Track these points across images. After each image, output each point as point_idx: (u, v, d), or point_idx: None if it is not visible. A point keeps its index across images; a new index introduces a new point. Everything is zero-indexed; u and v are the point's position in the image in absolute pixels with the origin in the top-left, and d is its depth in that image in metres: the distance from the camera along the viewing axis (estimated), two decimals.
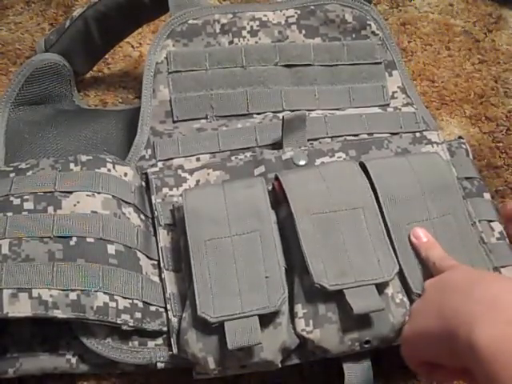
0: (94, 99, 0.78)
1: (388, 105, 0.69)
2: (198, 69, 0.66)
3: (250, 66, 0.67)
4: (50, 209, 0.56)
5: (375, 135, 0.66)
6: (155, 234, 0.59)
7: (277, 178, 0.58)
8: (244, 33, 0.68)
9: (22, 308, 0.50)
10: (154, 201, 0.60)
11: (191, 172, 0.62)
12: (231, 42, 0.67)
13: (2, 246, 0.53)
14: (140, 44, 0.83)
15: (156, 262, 0.58)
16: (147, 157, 0.63)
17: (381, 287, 0.53)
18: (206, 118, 0.65)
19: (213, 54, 0.66)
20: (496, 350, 0.37)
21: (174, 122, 0.65)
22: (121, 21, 0.72)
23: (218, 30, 0.67)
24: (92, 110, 0.75)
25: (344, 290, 0.51)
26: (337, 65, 0.69)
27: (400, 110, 0.68)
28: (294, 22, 0.69)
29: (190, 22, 0.67)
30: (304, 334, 0.52)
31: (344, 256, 0.53)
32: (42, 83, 0.70)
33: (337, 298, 0.52)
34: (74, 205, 0.56)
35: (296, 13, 0.69)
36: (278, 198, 0.57)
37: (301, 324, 0.52)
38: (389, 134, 0.66)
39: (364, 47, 0.70)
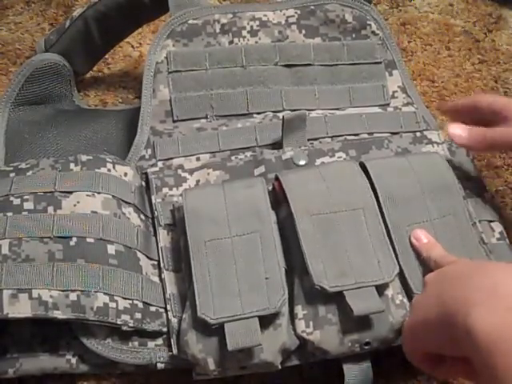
0: (93, 99, 0.77)
1: (388, 104, 0.69)
2: (197, 68, 0.66)
3: (250, 65, 0.67)
4: (50, 209, 0.55)
5: (375, 135, 0.66)
6: (155, 234, 0.59)
7: (277, 178, 0.58)
8: (244, 33, 0.68)
9: (22, 309, 0.50)
10: (154, 201, 0.60)
11: (191, 172, 0.61)
12: (231, 42, 0.67)
13: (1, 247, 0.53)
14: (140, 44, 0.83)
15: (156, 263, 0.57)
16: (147, 156, 0.63)
17: (381, 288, 0.52)
18: (206, 117, 0.65)
19: (213, 53, 0.66)
20: (497, 338, 0.37)
21: (173, 121, 0.64)
22: (121, 21, 0.72)
23: (218, 30, 0.67)
24: (92, 110, 0.74)
25: (344, 292, 0.51)
26: (337, 64, 0.69)
27: (400, 109, 0.68)
28: (294, 22, 0.69)
29: (189, 22, 0.67)
30: (304, 335, 0.52)
31: (344, 257, 0.53)
32: (42, 83, 0.70)
33: (337, 299, 0.52)
34: (74, 205, 0.56)
35: (296, 13, 0.69)
36: (278, 198, 0.57)
37: (301, 325, 0.52)
38: (389, 134, 0.66)
39: (364, 47, 0.70)
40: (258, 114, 0.66)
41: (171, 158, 0.63)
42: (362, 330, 0.52)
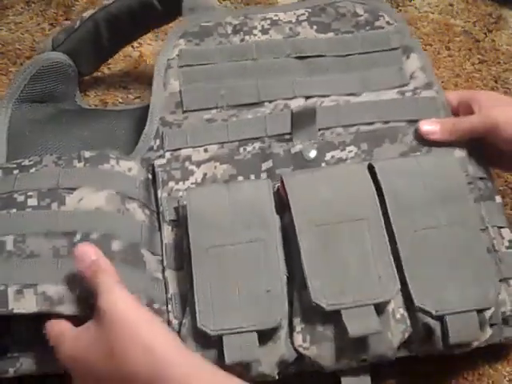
0: (94, 99, 0.77)
1: (407, 85, 0.65)
2: (208, 62, 0.66)
3: (261, 58, 0.66)
4: (54, 205, 0.55)
5: (391, 124, 0.63)
6: (160, 230, 0.58)
7: (282, 181, 0.56)
8: (255, 31, 0.67)
9: (27, 304, 0.50)
10: (159, 195, 0.59)
11: (198, 164, 0.60)
12: (242, 40, 0.67)
13: (6, 243, 0.53)
14: (140, 44, 0.83)
15: (160, 258, 0.57)
16: (155, 147, 0.62)
17: (381, 305, 0.51)
18: (216, 108, 0.64)
19: (224, 49, 0.66)
20: None
21: (183, 112, 0.64)
22: (131, 24, 0.72)
23: (229, 31, 0.67)
24: (93, 110, 0.74)
25: (341, 311, 0.50)
26: (350, 54, 0.67)
27: (419, 94, 0.64)
28: (305, 19, 0.68)
29: (202, 24, 0.67)
30: (301, 349, 0.51)
31: (344, 273, 0.52)
32: (47, 82, 0.69)
33: (334, 316, 0.50)
34: (78, 201, 0.55)
35: (307, 11, 0.69)
36: (283, 202, 0.56)
37: (298, 339, 0.51)
38: (405, 123, 0.63)
39: (379, 37, 0.68)
40: (270, 102, 0.64)
41: (179, 149, 0.61)
42: (359, 348, 0.51)
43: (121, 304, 0.47)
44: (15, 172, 0.58)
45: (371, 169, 0.57)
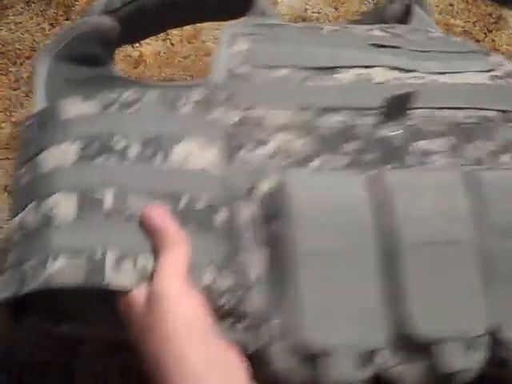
0: None
1: (493, 70, 0.59)
2: (279, 38, 0.60)
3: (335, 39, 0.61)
4: (159, 157, 0.48)
5: (482, 112, 0.56)
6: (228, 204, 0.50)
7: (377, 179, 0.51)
8: (324, 32, 0.62)
9: (125, 278, 0.43)
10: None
11: (273, 131, 0.52)
12: None
13: (106, 198, 0.45)
14: (140, 44, 0.83)
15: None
16: (222, 99, 0.53)
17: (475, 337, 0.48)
18: (290, 67, 0.57)
19: (296, 29, 0.62)
20: None
21: (252, 67, 0.56)
22: (190, 9, 0.68)
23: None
24: (128, 80, 0.69)
25: (436, 345, 0.47)
26: (429, 51, 0.61)
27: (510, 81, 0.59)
28: (378, 28, 0.63)
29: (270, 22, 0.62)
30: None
31: (443, 302, 0.47)
32: (88, 45, 0.64)
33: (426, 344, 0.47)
34: (185, 157, 0.48)
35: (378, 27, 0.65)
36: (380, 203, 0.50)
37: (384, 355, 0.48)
38: (497, 113, 0.55)
39: (456, 41, 0.64)
40: (349, 68, 0.57)
41: (250, 108, 0.53)
42: (444, 376, 0.47)
43: (173, 301, 0.42)
44: (114, 108, 0.50)
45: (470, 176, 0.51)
